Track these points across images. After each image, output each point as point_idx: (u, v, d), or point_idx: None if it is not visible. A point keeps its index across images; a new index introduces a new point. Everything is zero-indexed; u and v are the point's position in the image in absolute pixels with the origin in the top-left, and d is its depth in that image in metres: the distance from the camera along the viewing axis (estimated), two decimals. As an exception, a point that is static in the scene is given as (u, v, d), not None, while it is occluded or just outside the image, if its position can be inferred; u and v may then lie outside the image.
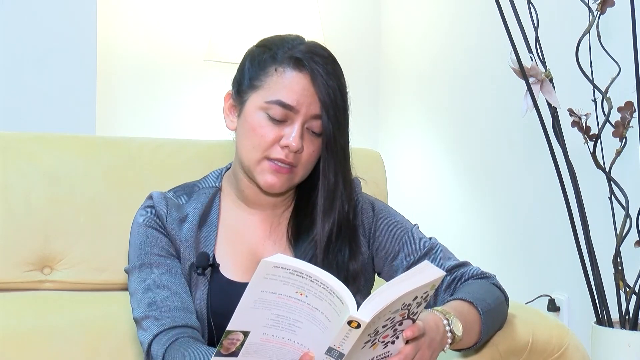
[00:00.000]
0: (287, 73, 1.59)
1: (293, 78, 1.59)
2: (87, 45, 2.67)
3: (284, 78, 1.59)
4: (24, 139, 1.89)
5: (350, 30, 3.20)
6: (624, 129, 1.82)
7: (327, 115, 1.59)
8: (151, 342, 1.53)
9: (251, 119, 1.60)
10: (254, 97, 1.61)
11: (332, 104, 1.59)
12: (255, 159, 1.60)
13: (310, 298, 1.29)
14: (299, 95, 1.58)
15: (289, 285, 1.28)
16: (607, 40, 1.84)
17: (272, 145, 1.59)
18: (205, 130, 2.97)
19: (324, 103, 1.58)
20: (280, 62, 1.60)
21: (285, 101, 1.58)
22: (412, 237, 1.68)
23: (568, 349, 1.63)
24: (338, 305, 1.28)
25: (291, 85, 1.59)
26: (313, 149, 1.61)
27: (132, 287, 1.61)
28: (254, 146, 1.60)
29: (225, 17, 2.81)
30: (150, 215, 1.65)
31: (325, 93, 1.59)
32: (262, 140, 1.58)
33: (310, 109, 1.59)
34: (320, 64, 1.60)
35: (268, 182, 1.59)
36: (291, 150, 1.58)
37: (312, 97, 1.59)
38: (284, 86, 1.59)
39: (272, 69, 1.60)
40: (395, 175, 2.66)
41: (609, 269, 1.86)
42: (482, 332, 1.54)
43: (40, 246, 1.81)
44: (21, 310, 1.74)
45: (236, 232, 1.67)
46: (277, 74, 1.59)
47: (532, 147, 2.44)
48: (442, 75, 2.95)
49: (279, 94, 1.58)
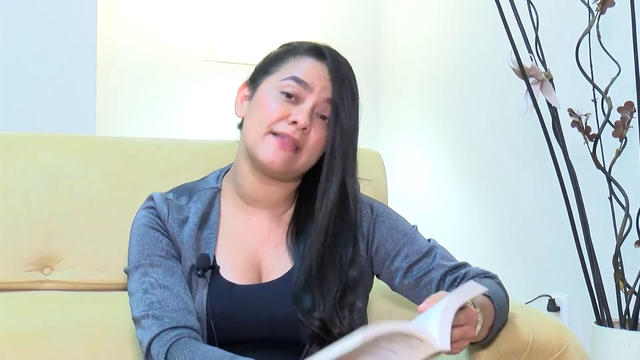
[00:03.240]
0: (305, 58, 1.62)
1: (311, 62, 1.62)
2: (87, 45, 2.67)
3: (302, 62, 1.62)
4: (24, 139, 1.89)
5: (350, 30, 3.20)
6: (624, 129, 1.82)
7: (340, 101, 1.59)
8: (151, 341, 1.53)
9: (264, 96, 1.61)
10: (269, 79, 1.62)
11: (347, 92, 1.60)
12: (261, 133, 1.59)
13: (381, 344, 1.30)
14: (314, 77, 1.60)
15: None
16: (607, 40, 1.83)
17: (279, 120, 1.58)
18: (205, 130, 2.97)
19: (338, 89, 1.59)
20: (300, 52, 1.63)
21: (300, 77, 1.59)
22: (412, 239, 1.68)
23: (568, 349, 1.63)
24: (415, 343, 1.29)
25: (308, 67, 1.61)
26: (321, 136, 1.60)
27: (131, 287, 1.61)
28: (261, 121, 1.59)
29: (225, 17, 2.80)
30: (151, 216, 1.64)
31: (341, 80, 1.60)
32: (270, 115, 1.58)
33: (323, 92, 1.60)
34: (341, 59, 1.63)
35: (269, 156, 1.58)
36: (299, 125, 1.57)
37: (327, 82, 1.60)
38: (300, 66, 1.61)
39: (291, 57, 1.63)
40: (395, 175, 2.66)
41: (609, 269, 1.86)
42: (492, 328, 1.53)
43: (40, 246, 1.81)
44: (21, 310, 1.74)
45: (236, 234, 1.67)
46: (294, 60, 1.62)
47: (532, 147, 2.44)
48: (442, 75, 2.95)
49: (294, 72, 1.60)
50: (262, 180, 1.65)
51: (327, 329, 1.56)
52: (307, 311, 1.57)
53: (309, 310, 1.56)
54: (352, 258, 1.62)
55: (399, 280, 1.67)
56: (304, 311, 1.57)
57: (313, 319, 1.56)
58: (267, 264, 1.66)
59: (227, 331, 1.59)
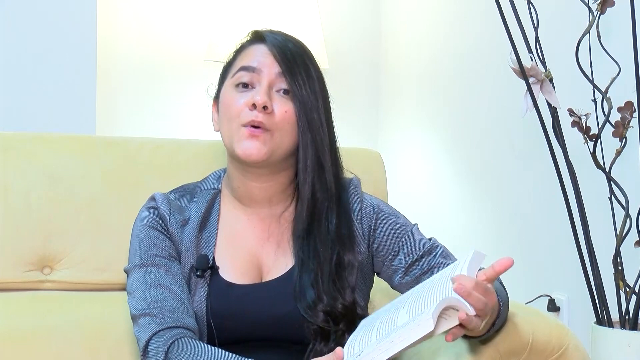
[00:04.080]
0: (248, 47, 1.67)
1: (253, 48, 1.66)
2: (87, 45, 2.67)
3: (246, 51, 1.67)
4: (24, 139, 1.89)
5: (350, 30, 3.20)
6: (624, 129, 1.82)
7: (290, 73, 1.62)
8: (149, 339, 1.53)
9: (224, 98, 1.65)
10: (225, 82, 1.67)
11: (293, 61, 1.63)
12: (232, 130, 1.61)
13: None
14: (260, 58, 1.64)
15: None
16: (607, 40, 1.84)
17: (242, 110, 1.61)
18: (205, 130, 2.95)
19: (283, 60, 1.62)
20: (244, 45, 1.68)
21: (246, 64, 1.63)
22: (413, 237, 1.68)
23: (568, 349, 1.63)
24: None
25: (251, 52, 1.66)
26: (286, 109, 1.62)
27: (131, 286, 1.61)
28: (229, 118, 1.62)
29: (225, 17, 2.81)
30: (153, 216, 1.65)
31: (282, 53, 1.63)
32: (233, 108, 1.62)
33: (272, 68, 1.63)
34: (280, 35, 1.67)
35: (245, 150, 1.59)
36: (257, 105, 1.59)
37: (272, 58, 1.63)
38: (245, 55, 1.66)
39: (238, 54, 1.68)
40: (395, 175, 2.66)
41: (609, 269, 1.86)
42: (495, 324, 1.53)
43: (40, 246, 1.81)
44: (21, 310, 1.74)
45: (236, 234, 1.67)
46: (240, 55, 1.67)
47: (532, 147, 2.44)
48: (442, 75, 2.95)
49: (242, 63, 1.64)
50: (252, 178, 1.65)
51: (334, 318, 1.56)
52: (310, 306, 1.57)
53: (312, 304, 1.56)
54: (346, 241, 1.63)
55: (400, 278, 1.67)
56: (307, 306, 1.57)
57: (317, 312, 1.56)
58: (267, 263, 1.66)
59: (227, 331, 1.59)
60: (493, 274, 1.41)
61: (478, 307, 1.35)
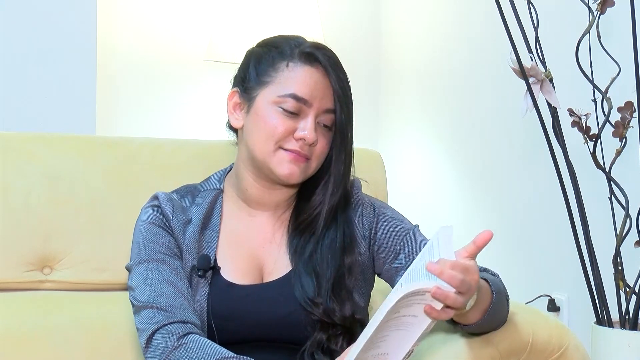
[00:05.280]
0: (299, 67, 1.61)
1: (306, 72, 1.61)
2: (87, 45, 2.67)
3: (296, 72, 1.61)
4: (24, 139, 1.89)
5: (350, 30, 3.20)
6: (624, 129, 1.82)
7: (340, 109, 1.62)
8: (155, 331, 1.51)
9: (263, 113, 1.61)
10: (265, 92, 1.62)
11: (345, 96, 1.62)
12: (270, 150, 1.61)
13: (402, 312, 1.34)
14: (312, 89, 1.60)
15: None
16: (607, 40, 1.84)
17: (285, 136, 1.60)
18: (205, 130, 2.96)
19: (338, 96, 1.62)
20: (290, 57, 1.62)
21: (299, 94, 1.60)
22: (413, 237, 1.68)
23: (568, 349, 1.63)
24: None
25: (304, 78, 1.60)
26: (325, 143, 1.63)
27: (134, 281, 1.59)
28: (268, 137, 1.60)
29: (225, 17, 2.81)
30: (156, 214, 1.65)
31: (338, 86, 1.62)
32: (276, 131, 1.60)
33: (322, 103, 1.61)
34: (330, 57, 1.63)
35: (286, 171, 1.60)
36: (307, 142, 1.59)
37: (324, 90, 1.61)
38: (296, 80, 1.60)
39: (283, 64, 1.62)
40: (395, 175, 2.66)
41: (609, 269, 1.86)
42: (487, 312, 1.52)
43: (40, 246, 1.81)
44: (21, 310, 1.74)
45: (238, 235, 1.67)
46: (288, 69, 1.61)
47: (532, 147, 2.44)
48: (442, 75, 2.95)
49: (292, 88, 1.60)
50: (267, 186, 1.66)
51: (330, 314, 1.57)
52: (309, 298, 1.57)
53: (312, 295, 1.57)
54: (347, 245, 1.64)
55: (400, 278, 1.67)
56: (307, 298, 1.57)
57: (316, 304, 1.57)
58: (269, 264, 1.66)
59: (228, 331, 1.59)
60: (474, 250, 1.42)
61: (454, 284, 1.34)
